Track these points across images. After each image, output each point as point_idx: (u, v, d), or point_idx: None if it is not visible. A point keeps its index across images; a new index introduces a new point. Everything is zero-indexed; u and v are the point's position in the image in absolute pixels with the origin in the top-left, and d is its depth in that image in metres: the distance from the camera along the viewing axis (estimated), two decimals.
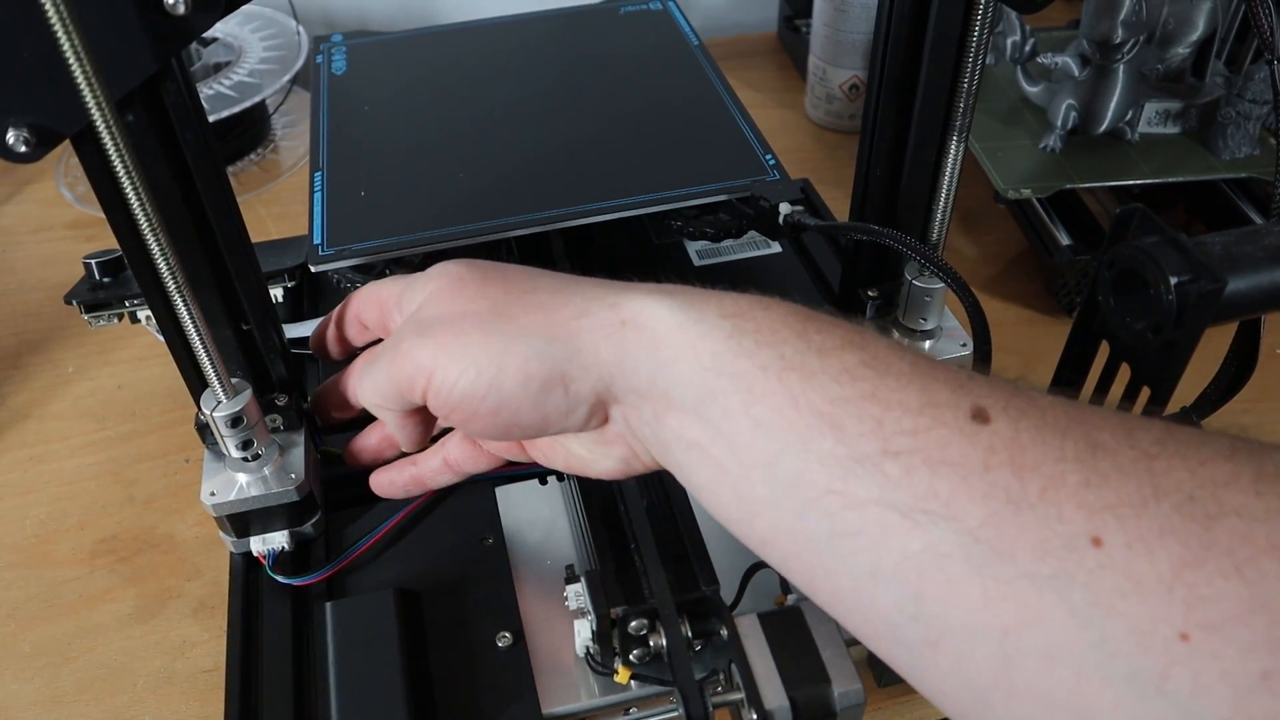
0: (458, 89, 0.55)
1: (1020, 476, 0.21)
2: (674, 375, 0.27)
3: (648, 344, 0.28)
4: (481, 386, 0.29)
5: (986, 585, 0.21)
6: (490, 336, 0.30)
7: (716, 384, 0.26)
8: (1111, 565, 0.20)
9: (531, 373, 0.29)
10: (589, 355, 0.29)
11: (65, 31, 0.25)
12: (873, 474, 0.23)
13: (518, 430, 0.31)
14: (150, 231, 0.30)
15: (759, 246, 0.58)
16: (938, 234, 0.44)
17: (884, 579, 0.23)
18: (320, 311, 0.53)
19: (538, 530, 0.44)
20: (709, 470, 0.27)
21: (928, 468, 0.22)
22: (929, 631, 0.22)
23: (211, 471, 0.40)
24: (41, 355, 0.61)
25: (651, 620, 0.36)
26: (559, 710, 0.38)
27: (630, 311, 0.28)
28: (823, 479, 0.24)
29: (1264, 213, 0.60)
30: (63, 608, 0.47)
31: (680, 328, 0.27)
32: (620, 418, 0.30)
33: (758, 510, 0.26)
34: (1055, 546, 0.20)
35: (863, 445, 0.23)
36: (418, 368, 0.31)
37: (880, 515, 0.23)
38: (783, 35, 0.93)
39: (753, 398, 0.25)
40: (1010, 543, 0.21)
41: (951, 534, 0.21)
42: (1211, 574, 0.19)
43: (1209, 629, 0.18)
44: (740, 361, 0.26)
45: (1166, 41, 0.60)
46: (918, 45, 0.40)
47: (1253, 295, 0.31)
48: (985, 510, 0.21)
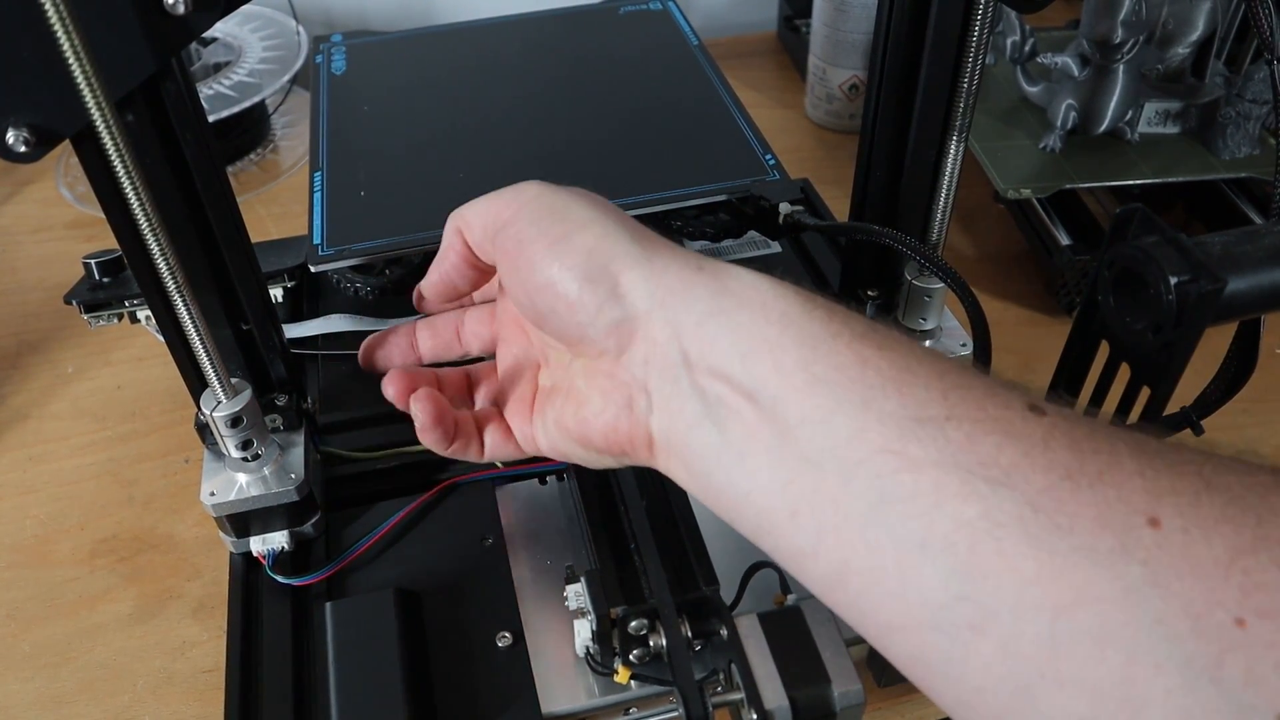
0: (457, 89, 0.55)
1: (1079, 457, 0.21)
2: (730, 322, 0.26)
3: (716, 288, 0.27)
4: (558, 230, 0.29)
5: (1041, 558, 0.20)
6: (593, 206, 0.30)
7: (779, 338, 0.25)
8: (1169, 545, 0.19)
9: (600, 249, 0.28)
10: (655, 271, 0.28)
11: (65, 31, 0.25)
12: (934, 435, 0.22)
13: (549, 294, 0.29)
14: (150, 231, 0.30)
15: (759, 246, 0.58)
16: (937, 234, 0.44)
17: (933, 550, 0.21)
18: (320, 312, 0.53)
19: (538, 530, 0.44)
20: (742, 425, 0.25)
21: (991, 437, 0.22)
22: (975, 613, 0.21)
23: (211, 471, 0.40)
24: (41, 355, 0.61)
25: (651, 620, 0.36)
26: (559, 710, 0.38)
27: (711, 263, 0.28)
28: (879, 438, 0.23)
29: (1264, 213, 0.60)
30: (63, 608, 0.47)
31: (754, 286, 0.27)
32: (639, 358, 0.28)
33: (795, 474, 0.24)
34: (1114, 522, 0.20)
35: (927, 409, 0.23)
36: (519, 192, 0.31)
37: (937, 478, 0.22)
38: (782, 35, 0.93)
39: (815, 355, 0.25)
40: (1069, 515, 0.20)
41: (1010, 502, 0.21)
42: (1266, 563, 0.19)
43: (1265, 616, 0.18)
44: (810, 324, 0.25)
45: (1166, 41, 0.60)
46: (918, 45, 0.40)
47: (1252, 295, 0.31)
48: (1046, 481, 0.21)
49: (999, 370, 0.42)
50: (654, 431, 0.28)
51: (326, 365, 0.50)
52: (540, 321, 0.31)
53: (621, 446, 0.30)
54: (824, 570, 0.24)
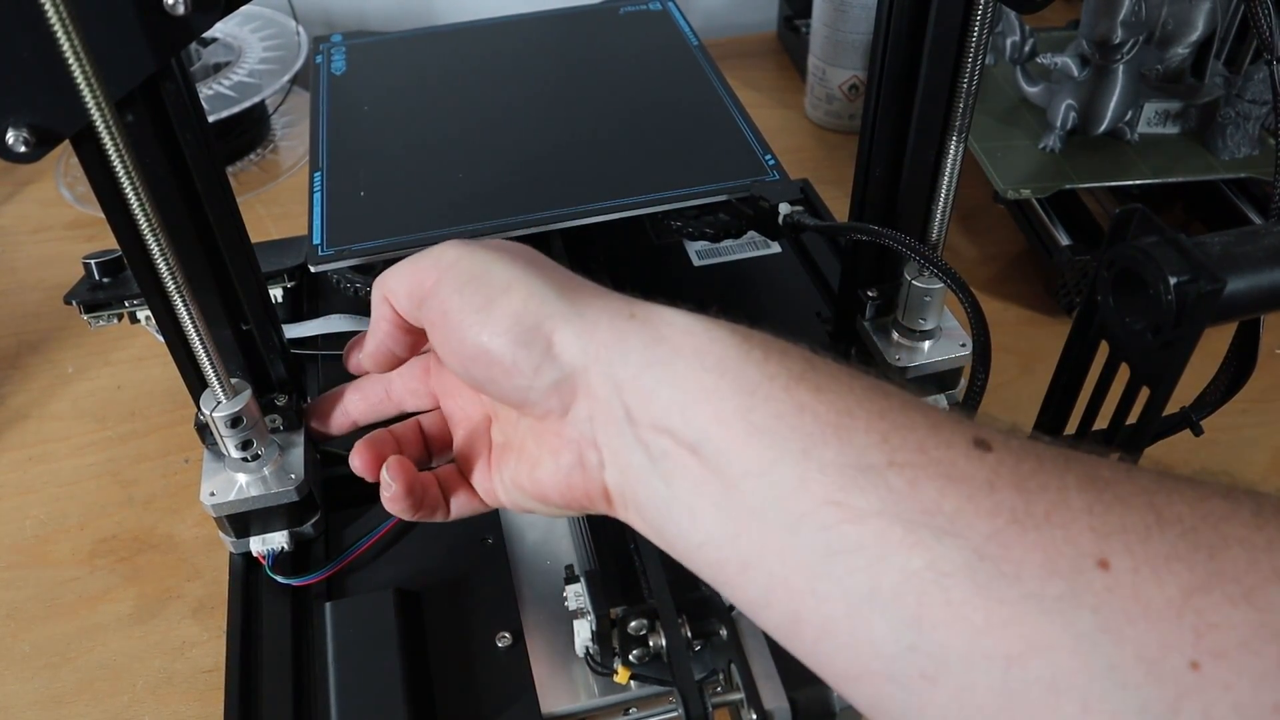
0: (457, 89, 0.55)
1: (1025, 498, 0.21)
2: (667, 373, 0.26)
3: (649, 337, 0.26)
4: (480, 298, 0.29)
5: (990, 607, 0.20)
6: (515, 265, 0.29)
7: (716, 385, 0.25)
8: (1119, 588, 0.19)
9: (528, 310, 0.28)
10: (587, 325, 0.27)
11: (65, 31, 0.25)
12: (876, 484, 0.22)
13: (484, 362, 0.29)
14: (150, 232, 0.30)
15: (758, 246, 0.58)
16: (937, 234, 0.44)
17: (881, 602, 0.21)
18: (320, 312, 0.53)
19: (537, 530, 0.44)
20: (687, 480, 0.25)
21: (934, 482, 0.21)
22: (927, 663, 0.21)
23: (211, 472, 0.40)
24: (41, 355, 0.61)
25: (651, 620, 0.36)
26: (558, 710, 0.38)
27: (643, 308, 0.27)
28: (821, 489, 0.22)
29: (1263, 213, 0.60)
30: (62, 608, 0.47)
31: (689, 331, 0.26)
32: (584, 414, 0.28)
33: (743, 526, 0.24)
34: (1062, 567, 0.20)
35: (868, 455, 0.22)
36: (439, 258, 0.31)
37: (881, 528, 0.21)
38: (782, 35, 0.93)
39: (753, 402, 0.24)
40: (1016, 561, 0.20)
41: (955, 550, 0.21)
42: (1220, 601, 0.18)
43: (1220, 657, 0.18)
44: (747, 368, 0.25)
45: (1166, 42, 0.60)
46: (917, 45, 0.40)
47: (1252, 295, 0.31)
48: (991, 527, 0.21)
49: (998, 370, 0.42)
50: (609, 485, 0.28)
51: (326, 365, 0.50)
52: (481, 388, 0.30)
53: (580, 501, 0.29)
54: (778, 620, 0.24)
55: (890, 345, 0.48)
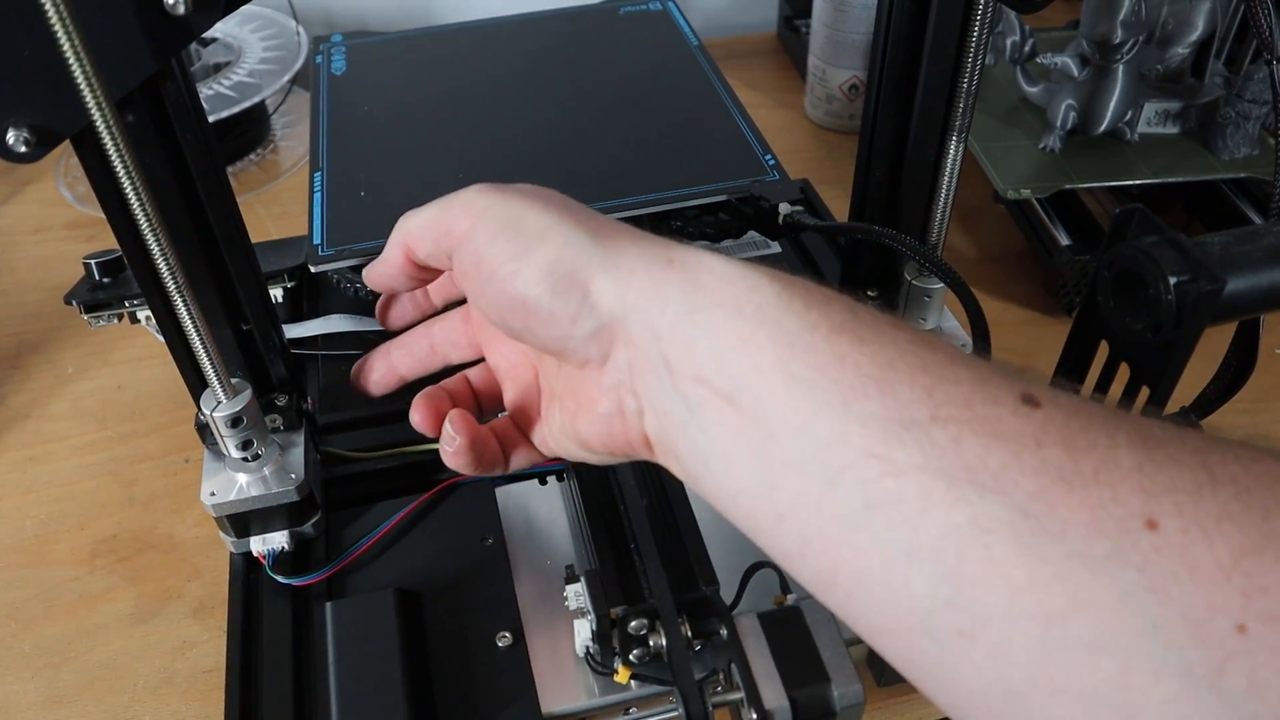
0: (457, 89, 0.55)
1: (1073, 456, 0.20)
2: (705, 322, 0.25)
3: (688, 284, 0.26)
4: (515, 247, 0.28)
5: (1033, 565, 0.19)
6: (549, 211, 0.29)
7: (754, 335, 0.24)
8: (1167, 549, 0.19)
9: (563, 258, 0.27)
10: (624, 274, 0.27)
11: (65, 32, 0.25)
12: (919, 439, 0.21)
13: (521, 313, 0.28)
14: (150, 232, 0.30)
15: (758, 246, 0.58)
16: (937, 234, 0.44)
17: (920, 557, 0.21)
18: (320, 312, 0.53)
19: (538, 530, 0.44)
20: (724, 429, 0.24)
21: (979, 439, 0.21)
22: (964, 619, 0.20)
23: (211, 472, 0.40)
24: (41, 355, 0.61)
25: (651, 620, 0.36)
26: (559, 710, 0.38)
27: (681, 254, 0.27)
28: (862, 442, 0.22)
29: (1263, 213, 0.60)
30: (63, 608, 0.47)
31: (727, 279, 0.26)
32: (623, 362, 0.27)
33: (780, 478, 0.23)
34: (1109, 526, 0.19)
35: (911, 410, 0.22)
36: (470, 205, 0.30)
37: (922, 483, 0.21)
38: (782, 35, 0.93)
39: (792, 353, 0.23)
40: (1061, 520, 0.19)
41: (999, 507, 0.20)
42: (1271, 563, 0.18)
43: (1268, 621, 0.17)
44: (787, 318, 0.24)
45: (1166, 42, 0.60)
46: (917, 45, 0.40)
47: (1252, 295, 0.31)
48: (1036, 485, 0.20)
49: None
50: (649, 432, 0.28)
51: (326, 365, 0.50)
52: (519, 338, 0.30)
53: (622, 448, 0.29)
54: (813, 572, 0.24)
55: None
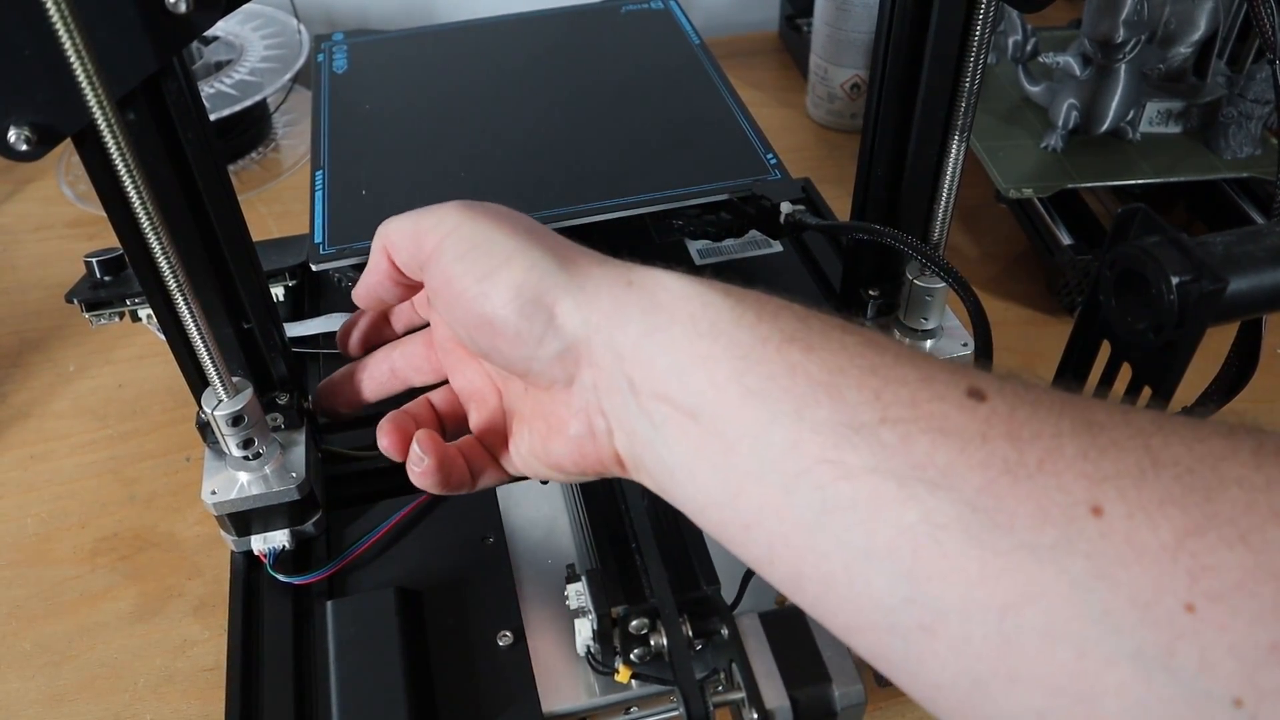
0: (459, 88, 0.55)
1: (1018, 448, 0.21)
2: (665, 340, 0.26)
3: (647, 304, 0.27)
4: (482, 268, 0.29)
5: (984, 558, 0.20)
6: (515, 235, 0.30)
7: (710, 350, 0.25)
8: (1112, 534, 0.19)
9: (530, 281, 0.28)
10: (587, 297, 0.28)
11: (67, 30, 0.25)
12: (869, 441, 0.22)
13: (489, 332, 0.29)
14: (151, 230, 0.30)
15: (760, 246, 0.58)
16: (939, 233, 0.44)
17: (878, 557, 0.22)
18: (321, 310, 0.53)
19: (539, 529, 0.44)
20: (687, 444, 0.25)
21: (926, 437, 0.22)
22: (924, 614, 0.21)
23: (212, 470, 0.40)
24: (42, 354, 0.61)
25: (652, 619, 0.36)
26: (559, 709, 0.38)
27: (640, 275, 0.28)
28: (815, 448, 0.23)
29: (1265, 212, 0.60)
30: (64, 606, 0.47)
31: (684, 297, 0.27)
32: (589, 383, 0.28)
33: (742, 488, 0.24)
34: (1055, 515, 0.20)
35: (860, 413, 0.23)
36: (441, 220, 0.31)
37: (874, 485, 0.22)
38: (784, 34, 0.93)
39: (746, 365, 0.24)
40: (1009, 512, 0.20)
41: (948, 503, 0.21)
42: (1215, 543, 0.18)
43: (1214, 599, 0.18)
44: (739, 331, 0.25)
45: (1168, 41, 0.60)
46: (919, 44, 0.40)
47: (1254, 295, 0.31)
48: (983, 478, 0.21)
49: (1000, 370, 0.42)
50: (620, 450, 0.29)
51: (328, 364, 0.50)
52: (486, 356, 0.31)
53: (594, 467, 0.30)
54: (782, 577, 0.25)
55: None
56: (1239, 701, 0.17)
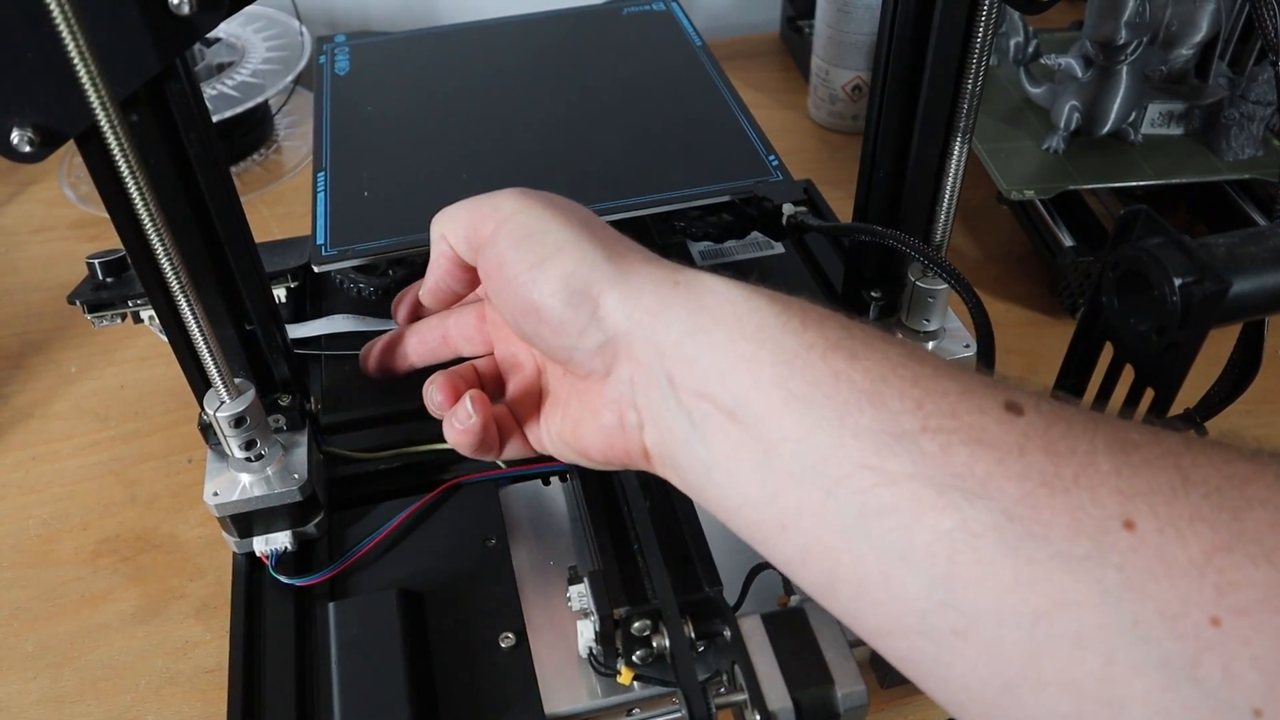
0: (460, 89, 0.55)
1: (1055, 461, 0.21)
2: (708, 341, 0.26)
3: (692, 305, 0.27)
4: (534, 255, 0.30)
5: (1019, 566, 0.21)
6: (569, 225, 0.30)
7: (756, 354, 0.26)
8: (1144, 548, 0.20)
9: (578, 272, 0.29)
10: (632, 292, 0.28)
11: (69, 31, 0.25)
12: (910, 449, 0.23)
13: (534, 318, 0.30)
14: (154, 231, 0.30)
15: (762, 247, 0.58)
16: (941, 235, 0.44)
17: (914, 561, 0.22)
18: (323, 312, 0.53)
19: (541, 531, 0.44)
20: (727, 444, 0.26)
21: (965, 447, 0.22)
22: (958, 618, 0.22)
23: (215, 472, 0.40)
24: (44, 355, 0.61)
25: (654, 621, 0.36)
26: (562, 711, 0.38)
27: (687, 276, 0.28)
28: (857, 454, 0.23)
29: (1268, 214, 0.60)
30: (65, 607, 0.47)
31: (729, 300, 0.27)
32: (626, 377, 0.29)
33: (781, 487, 0.25)
34: (1088, 528, 0.20)
35: (902, 422, 0.23)
36: (498, 207, 0.32)
37: (914, 491, 0.22)
38: (785, 36, 0.93)
39: (791, 371, 0.25)
40: (1044, 523, 0.21)
41: (986, 512, 0.21)
42: (1241, 560, 0.19)
43: (1240, 614, 0.19)
44: (785, 337, 0.26)
45: (1170, 43, 0.60)
46: (921, 46, 0.40)
47: (1257, 297, 0.31)
48: (1020, 490, 0.21)
49: (1003, 372, 0.42)
50: (648, 445, 0.29)
51: (330, 365, 0.50)
52: (530, 341, 0.32)
53: (620, 458, 0.31)
54: (814, 578, 0.25)
55: None
56: (1259, 712, 0.18)
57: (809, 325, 0.26)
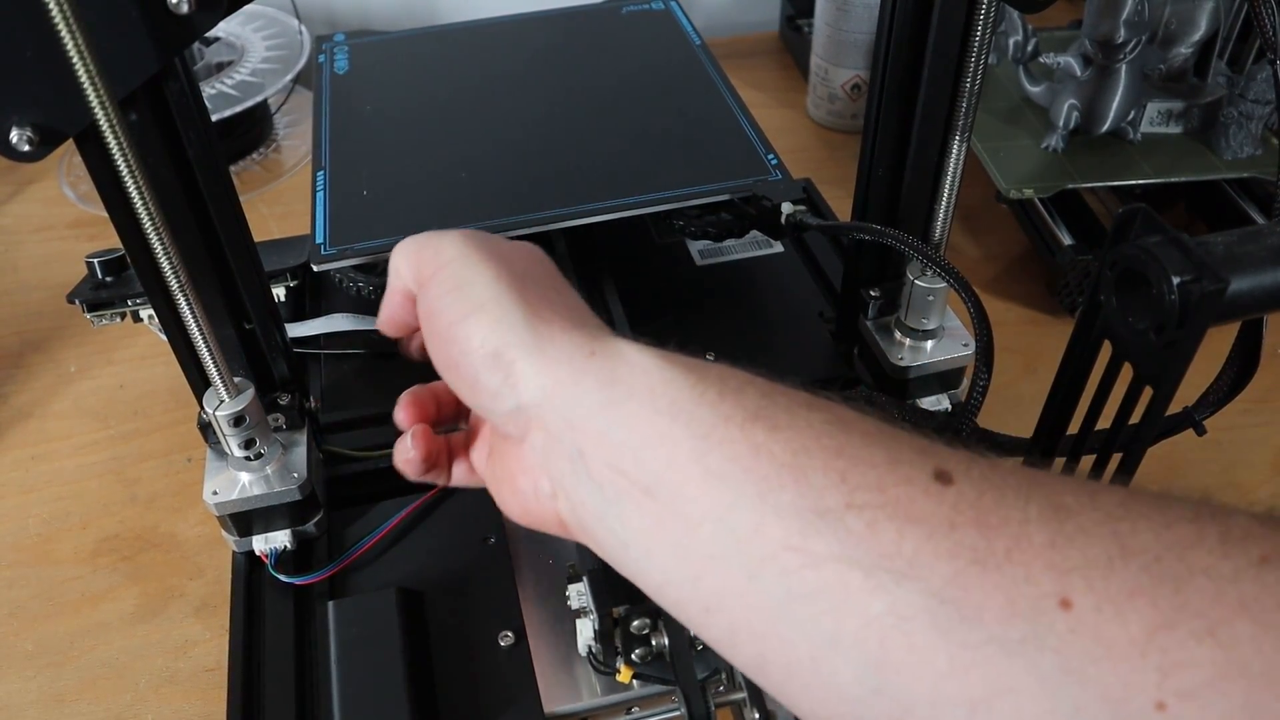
0: (460, 88, 0.55)
1: (986, 536, 0.20)
2: (622, 414, 0.25)
3: (605, 377, 0.26)
4: (459, 309, 0.29)
5: (953, 652, 0.20)
6: (499, 279, 0.29)
7: (670, 429, 0.24)
8: (1082, 628, 0.19)
9: (495, 335, 0.28)
10: (547, 362, 0.27)
11: (69, 31, 0.25)
12: (834, 528, 0.22)
13: (453, 372, 0.29)
14: (153, 230, 0.30)
15: (761, 246, 0.58)
16: (940, 234, 0.44)
17: (844, 647, 0.21)
18: (322, 311, 0.53)
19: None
20: (644, 520, 0.25)
21: (893, 524, 0.21)
22: (893, 707, 0.21)
23: (214, 470, 0.40)
24: (44, 354, 0.61)
25: (654, 619, 0.36)
26: (561, 709, 0.38)
27: (605, 345, 0.27)
28: (779, 533, 0.22)
29: (1266, 213, 0.60)
30: (65, 607, 0.47)
31: (644, 370, 0.26)
32: (539, 445, 0.27)
33: (703, 570, 0.24)
34: (1023, 608, 0.19)
35: (825, 498, 0.22)
36: (438, 251, 0.31)
37: (840, 573, 0.21)
38: (785, 35, 0.93)
39: (708, 445, 0.24)
40: (977, 605, 0.20)
41: (916, 594, 0.20)
42: (1184, 637, 0.18)
43: (1185, 697, 0.18)
44: (700, 409, 0.24)
45: (1169, 41, 0.60)
46: (920, 45, 0.40)
47: (1255, 295, 0.31)
48: (951, 569, 0.20)
49: (1001, 370, 0.42)
50: (563, 515, 0.28)
51: (329, 364, 0.50)
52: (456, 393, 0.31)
53: (537, 523, 0.30)
54: (745, 660, 0.24)
55: (893, 345, 0.48)
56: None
57: (726, 395, 0.25)
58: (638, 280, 0.55)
